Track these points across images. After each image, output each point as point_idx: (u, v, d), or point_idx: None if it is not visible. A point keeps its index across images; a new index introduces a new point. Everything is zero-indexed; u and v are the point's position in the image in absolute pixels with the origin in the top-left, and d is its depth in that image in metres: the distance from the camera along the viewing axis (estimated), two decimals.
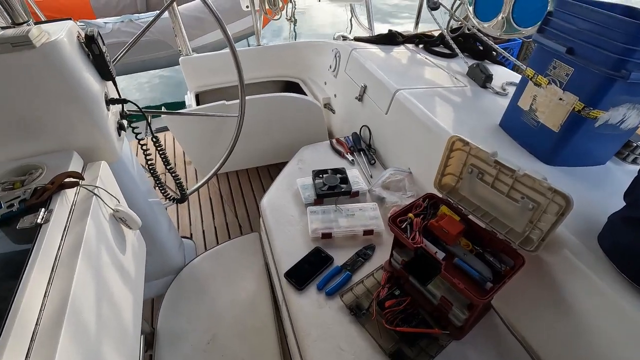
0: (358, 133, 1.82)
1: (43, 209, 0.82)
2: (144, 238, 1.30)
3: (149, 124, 1.21)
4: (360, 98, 1.83)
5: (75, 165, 1.01)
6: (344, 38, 2.29)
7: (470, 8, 1.87)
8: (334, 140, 1.78)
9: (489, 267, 0.95)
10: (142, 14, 3.76)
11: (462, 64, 1.87)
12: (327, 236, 1.28)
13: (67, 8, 4.47)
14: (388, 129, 1.63)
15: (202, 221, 2.05)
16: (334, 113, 2.23)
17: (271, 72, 2.57)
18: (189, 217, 2.07)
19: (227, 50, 2.53)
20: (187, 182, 2.37)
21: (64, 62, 0.90)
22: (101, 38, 1.02)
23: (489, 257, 0.96)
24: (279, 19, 2.41)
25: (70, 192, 0.92)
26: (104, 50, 1.02)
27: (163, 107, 1.59)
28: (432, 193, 1.11)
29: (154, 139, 1.26)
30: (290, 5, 2.50)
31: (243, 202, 2.14)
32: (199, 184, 1.78)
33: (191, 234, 1.99)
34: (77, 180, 0.91)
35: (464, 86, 1.65)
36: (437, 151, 1.32)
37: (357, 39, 2.20)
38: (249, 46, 6.16)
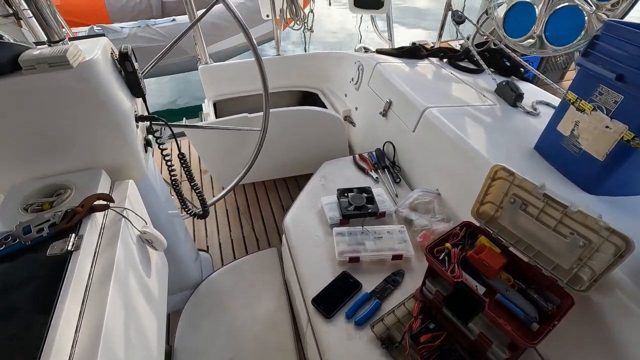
0: (382, 149, 1.78)
1: (73, 235, 0.79)
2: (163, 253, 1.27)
3: (175, 139, 1.18)
4: (384, 113, 1.79)
5: (104, 184, 0.99)
6: (366, 50, 2.26)
7: (499, 23, 1.83)
8: (356, 156, 1.75)
9: (533, 304, 0.90)
10: (159, 20, 3.76)
11: (489, 80, 1.83)
12: (354, 260, 1.24)
13: (82, 12, 4.50)
14: (415, 147, 1.59)
15: (218, 233, 2.02)
16: (354, 126, 2.19)
17: (290, 82, 2.55)
18: (205, 229, 2.04)
19: (247, 59, 2.52)
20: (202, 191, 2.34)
21: (99, 81, 0.87)
22: (134, 55, 0.99)
23: (532, 294, 0.91)
24: (299, 28, 2.38)
25: (99, 214, 0.89)
26: (136, 67, 0.99)
27: (185, 120, 1.58)
28: (469, 221, 1.07)
29: (180, 156, 1.23)
30: (311, 15, 2.47)
31: (260, 215, 2.10)
32: (220, 195, 1.75)
33: (207, 247, 1.96)
34: (107, 203, 0.88)
35: (493, 105, 1.61)
36: (469, 174, 1.29)
37: (379, 52, 2.16)
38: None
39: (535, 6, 1.66)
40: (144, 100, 1.10)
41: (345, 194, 1.46)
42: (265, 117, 1.60)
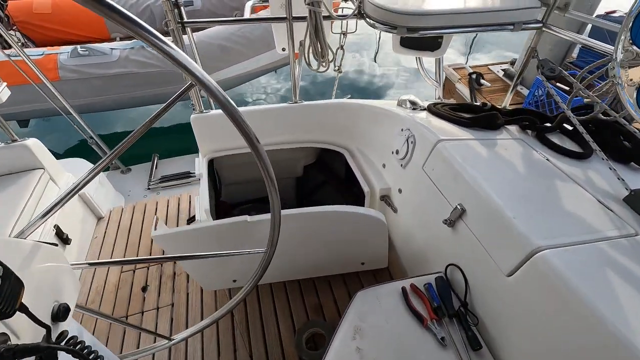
0: (445, 276, 1.20)
1: None
2: None
3: None
4: (450, 223, 1.21)
5: None
6: (414, 106, 1.67)
7: (627, 94, 1.23)
8: (407, 289, 1.16)
9: None
10: None
11: (606, 173, 1.23)
12: None
13: (79, 22, 4.01)
14: (511, 300, 1.00)
15: None
16: (395, 212, 1.61)
17: (309, 135, 1.98)
18: (186, 354, 1.48)
19: (254, 107, 1.97)
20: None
21: None
22: None
23: None
24: (325, 70, 1.82)
25: None
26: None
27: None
28: None
29: None
30: (340, 52, 1.91)
31: (262, 335, 1.53)
32: (196, 328, 1.20)
33: None
34: None
35: (634, 234, 1.01)
36: None
37: (433, 112, 1.57)
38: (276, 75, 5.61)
39: None
40: (29, 315, 0.54)
41: None
42: (273, 230, 1.04)
